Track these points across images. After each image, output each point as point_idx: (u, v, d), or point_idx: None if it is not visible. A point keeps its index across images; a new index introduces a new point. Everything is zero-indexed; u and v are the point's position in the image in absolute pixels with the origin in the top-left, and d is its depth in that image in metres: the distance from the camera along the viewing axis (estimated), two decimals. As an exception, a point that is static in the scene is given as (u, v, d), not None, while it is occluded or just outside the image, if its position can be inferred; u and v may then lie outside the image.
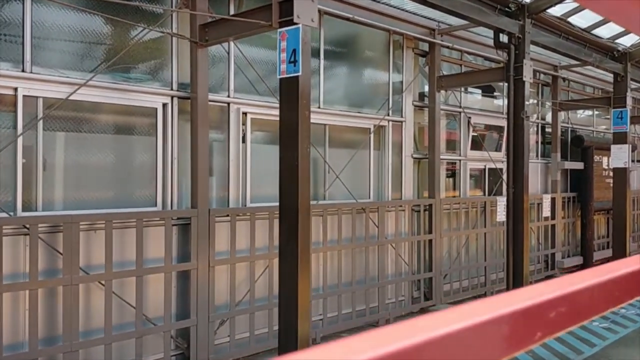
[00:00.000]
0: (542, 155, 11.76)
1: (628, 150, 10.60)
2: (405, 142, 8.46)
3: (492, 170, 10.14)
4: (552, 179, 11.64)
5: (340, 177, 7.33)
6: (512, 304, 0.71)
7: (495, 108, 10.57)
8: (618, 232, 10.81)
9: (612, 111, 10.82)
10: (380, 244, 7.75)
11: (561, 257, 11.81)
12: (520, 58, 7.63)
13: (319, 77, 7.24)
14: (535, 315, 0.74)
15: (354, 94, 7.90)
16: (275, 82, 6.94)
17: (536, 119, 11.52)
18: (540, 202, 11.00)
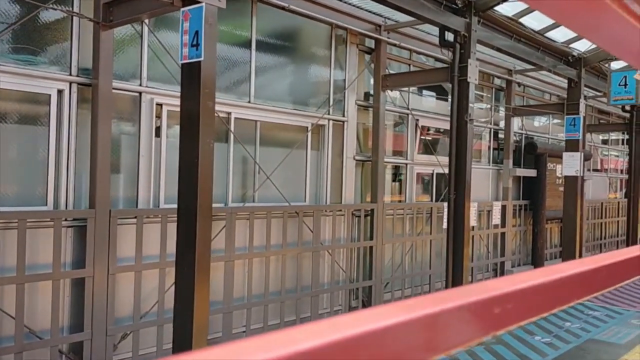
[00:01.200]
0: (494, 162, 11.47)
1: (580, 158, 10.37)
2: (347, 143, 7.99)
3: (441, 175, 9.76)
4: (504, 185, 11.36)
5: (272, 179, 6.81)
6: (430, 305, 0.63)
7: (447, 111, 10.20)
8: (568, 241, 10.57)
9: (565, 118, 10.58)
10: (314, 250, 7.25)
11: (511, 266, 11.52)
12: (466, 58, 7.24)
13: (249, 70, 6.71)
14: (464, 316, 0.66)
15: (291, 89, 7.40)
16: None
17: (489, 123, 11.22)
18: (491, 209, 10.69)
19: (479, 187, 10.93)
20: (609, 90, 10.32)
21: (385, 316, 0.57)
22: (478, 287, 0.70)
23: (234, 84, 6.62)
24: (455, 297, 0.65)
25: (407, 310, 0.59)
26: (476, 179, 10.86)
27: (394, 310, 0.59)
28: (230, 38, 6.59)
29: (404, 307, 0.60)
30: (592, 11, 0.77)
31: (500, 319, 0.70)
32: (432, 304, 0.62)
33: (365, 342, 0.54)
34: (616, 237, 16.14)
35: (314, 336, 0.50)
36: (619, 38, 0.90)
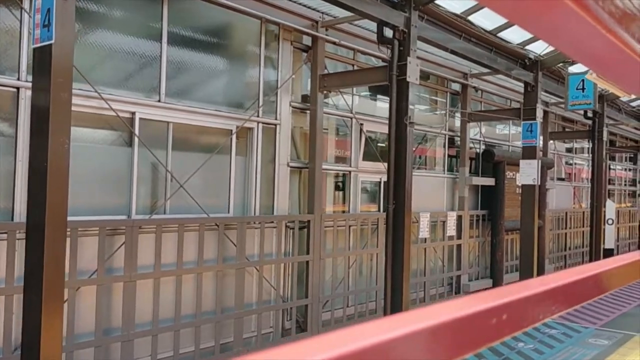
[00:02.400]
0: (450, 170, 10.88)
1: (537, 166, 9.84)
2: (280, 148, 7.30)
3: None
4: (460, 195, 10.78)
5: (188, 187, 6.08)
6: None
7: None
8: (526, 253, 10.00)
9: (522, 124, 10.06)
10: (239, 266, 6.52)
11: (468, 280, 10.92)
12: (405, 55, 6.63)
13: (160, 65, 5.99)
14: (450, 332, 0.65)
15: (212, 89, 6.69)
16: (105, 65, 5.66)
17: (444, 129, 10.64)
18: (445, 220, 10.08)
19: (434, 197, 10.33)
20: (566, 95, 9.84)
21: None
22: (424, 314, 0.63)
23: (139, 81, 5.88)
24: (397, 325, 0.58)
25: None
26: (430, 188, 10.27)
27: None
28: (133, 28, 5.86)
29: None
30: (548, 11, 0.72)
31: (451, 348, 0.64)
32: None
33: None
34: (581, 248, 15.70)
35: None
36: (577, 40, 0.85)
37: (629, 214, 19.73)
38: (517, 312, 0.79)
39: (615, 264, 1.15)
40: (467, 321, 0.67)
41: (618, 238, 18.69)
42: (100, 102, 5.36)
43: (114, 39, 5.68)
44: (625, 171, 21.11)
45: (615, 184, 19.80)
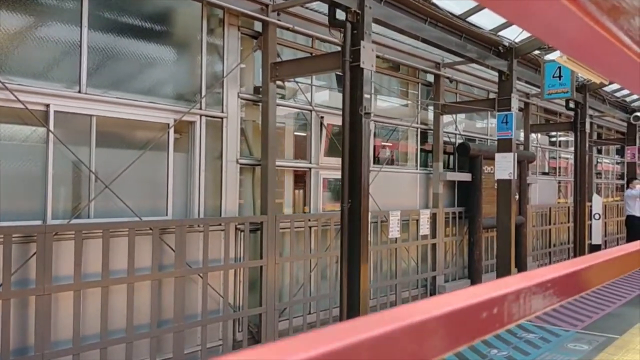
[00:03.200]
0: (423, 165, 10.31)
1: (513, 159, 9.27)
2: (228, 143, 6.69)
3: (354, 180, 8.55)
4: (434, 191, 10.20)
5: (116, 188, 5.46)
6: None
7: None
8: (503, 252, 9.45)
9: (497, 115, 9.49)
10: (178, 275, 5.90)
11: (444, 281, 10.35)
12: (358, 40, 6.03)
13: (79, 52, 5.36)
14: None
15: (145, 79, 6.07)
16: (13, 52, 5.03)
17: (415, 122, 10.06)
18: (418, 219, 9.50)
19: (406, 194, 9.76)
20: (542, 83, 9.28)
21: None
22: (387, 316, 0.60)
23: (54, 70, 5.25)
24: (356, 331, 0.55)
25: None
26: (402, 185, 9.69)
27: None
28: (46, 10, 5.22)
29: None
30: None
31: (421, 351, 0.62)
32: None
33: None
34: (567, 245, 15.18)
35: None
36: (553, 24, 0.80)
37: (617, 209, 19.23)
38: (499, 309, 0.75)
39: (599, 259, 1.12)
40: (445, 319, 0.65)
41: (606, 233, 18.22)
42: (7, 93, 4.74)
43: (22, 22, 5.05)
44: (613, 164, 20.64)
45: (602, 177, 19.31)
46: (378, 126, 9.60)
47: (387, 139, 9.79)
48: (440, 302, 0.67)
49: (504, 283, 0.81)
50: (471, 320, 0.69)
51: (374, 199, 8.73)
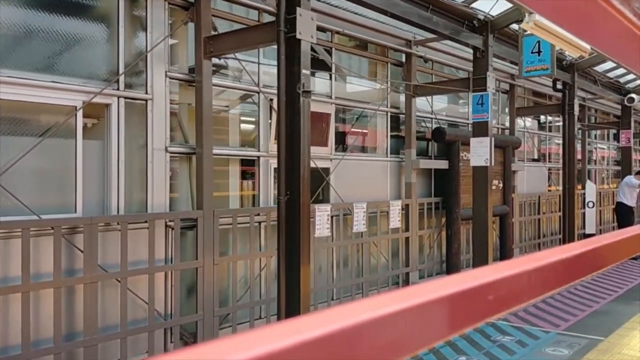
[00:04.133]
0: (394, 153, 9.49)
1: (490, 144, 8.45)
2: (154, 129, 5.89)
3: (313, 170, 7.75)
4: (406, 181, 9.40)
5: (7, 182, 4.67)
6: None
7: (320, 89, 8.17)
8: (478, 245, 8.65)
9: (472, 96, 8.66)
10: (88, 280, 5.12)
11: (418, 277, 9.57)
12: (294, 6, 5.20)
13: (-46, 22, 4.55)
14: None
15: (46, 53, 5.24)
16: None
17: (385, 106, 9.24)
18: (388, 211, 8.70)
19: (375, 184, 8.96)
20: (520, 60, 8.44)
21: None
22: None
23: None
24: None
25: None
26: (370, 174, 8.90)
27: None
28: None
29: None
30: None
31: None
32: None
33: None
34: (558, 235, 14.37)
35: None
36: None
37: (612, 196, 18.39)
38: (465, 305, 0.68)
39: (588, 246, 1.03)
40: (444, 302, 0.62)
41: (601, 222, 17.42)
42: None
43: None
44: (608, 150, 19.78)
45: (597, 163, 18.47)
46: (344, 111, 8.78)
47: (353, 124, 8.98)
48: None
49: (473, 275, 0.71)
50: (435, 317, 0.63)
51: (336, 190, 7.94)
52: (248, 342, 0.45)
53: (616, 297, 9.30)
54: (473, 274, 0.69)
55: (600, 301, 9.13)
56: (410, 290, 0.61)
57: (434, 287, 0.63)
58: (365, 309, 0.54)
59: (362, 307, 0.54)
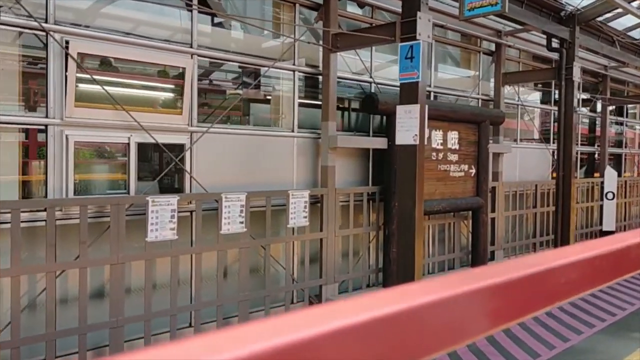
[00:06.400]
0: (310, 127, 7.19)
1: (420, 115, 6.02)
2: None
3: (147, 146, 5.56)
4: (322, 164, 7.07)
5: None
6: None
7: (167, 34, 5.91)
8: (402, 251, 6.28)
9: (399, 47, 6.21)
10: None
11: (338, 291, 7.27)
12: None
13: None
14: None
15: None
16: None
17: (292, 63, 6.90)
18: (288, 204, 6.43)
19: (272, 167, 6.71)
20: (461, -5, 5.93)
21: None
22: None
23: None
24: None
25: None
26: (264, 154, 6.65)
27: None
28: None
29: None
30: None
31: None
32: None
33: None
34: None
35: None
36: None
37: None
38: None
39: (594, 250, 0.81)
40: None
41: (626, 217, 14.56)
42: None
43: None
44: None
45: (626, 147, 15.50)
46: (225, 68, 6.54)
47: (240, 86, 6.71)
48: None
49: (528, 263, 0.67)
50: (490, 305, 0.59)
51: (198, 174, 5.77)
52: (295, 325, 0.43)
53: (616, 321, 6.79)
54: (527, 261, 0.66)
55: (609, 319, 6.67)
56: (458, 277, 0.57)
57: (492, 272, 0.60)
58: (421, 292, 0.52)
59: (418, 290, 0.52)
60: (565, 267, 0.68)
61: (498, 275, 0.58)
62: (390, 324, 0.48)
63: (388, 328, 0.48)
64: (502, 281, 0.58)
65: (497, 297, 0.59)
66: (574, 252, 0.71)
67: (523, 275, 0.62)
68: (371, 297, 0.50)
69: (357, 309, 0.47)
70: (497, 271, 0.60)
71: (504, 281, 0.59)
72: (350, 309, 0.48)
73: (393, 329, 0.48)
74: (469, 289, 0.55)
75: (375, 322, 0.46)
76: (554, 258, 0.67)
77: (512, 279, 0.60)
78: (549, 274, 0.66)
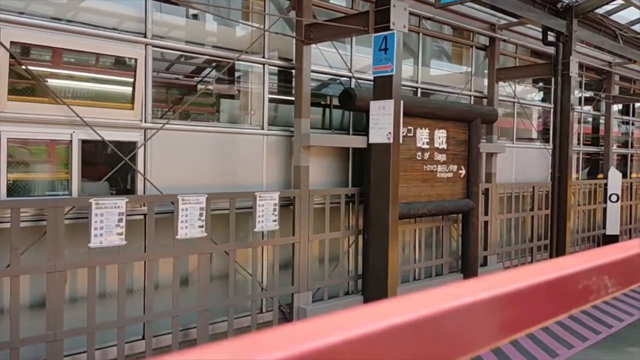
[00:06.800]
0: (283, 125, 6.74)
1: (394, 110, 5.55)
2: None
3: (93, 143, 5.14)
4: (295, 164, 6.62)
5: None
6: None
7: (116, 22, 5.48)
8: (375, 258, 5.81)
9: (373, 38, 5.74)
10: None
11: (312, 300, 6.81)
12: None
13: None
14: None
15: None
16: None
17: (263, 56, 6.46)
18: (255, 206, 5.98)
19: (244, 167, 6.28)
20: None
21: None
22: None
23: None
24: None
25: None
26: (231, 152, 6.21)
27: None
28: None
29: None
30: None
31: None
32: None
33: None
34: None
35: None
36: None
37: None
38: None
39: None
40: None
41: (630, 220, 13.96)
42: None
43: None
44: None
45: (632, 147, 14.89)
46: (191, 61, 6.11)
47: (203, 79, 6.28)
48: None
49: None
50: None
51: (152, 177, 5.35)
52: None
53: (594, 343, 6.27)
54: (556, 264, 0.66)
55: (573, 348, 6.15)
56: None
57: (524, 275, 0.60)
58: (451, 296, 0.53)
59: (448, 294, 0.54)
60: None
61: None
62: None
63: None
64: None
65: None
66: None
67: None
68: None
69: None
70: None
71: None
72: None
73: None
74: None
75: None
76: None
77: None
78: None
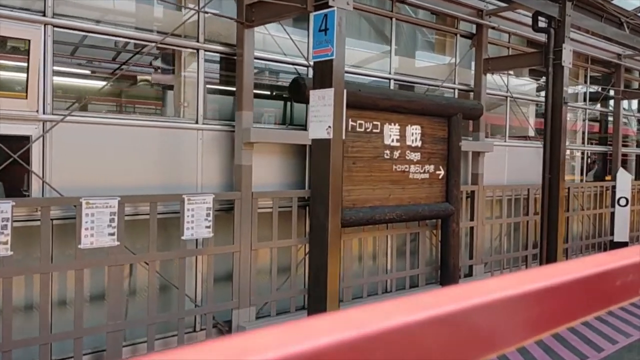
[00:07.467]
0: (224, 118, 5.99)
1: (336, 101, 4.75)
2: None
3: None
4: (236, 162, 5.85)
5: None
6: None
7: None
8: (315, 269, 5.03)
9: (313, 17, 4.94)
10: None
11: (255, 316, 6.03)
12: None
13: None
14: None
15: None
16: None
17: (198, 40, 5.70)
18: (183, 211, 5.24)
19: (173, 166, 5.54)
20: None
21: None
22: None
23: None
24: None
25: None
26: (156, 149, 5.47)
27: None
28: None
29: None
30: None
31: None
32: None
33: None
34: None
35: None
36: None
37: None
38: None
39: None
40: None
41: (641, 225, 12.91)
42: None
43: None
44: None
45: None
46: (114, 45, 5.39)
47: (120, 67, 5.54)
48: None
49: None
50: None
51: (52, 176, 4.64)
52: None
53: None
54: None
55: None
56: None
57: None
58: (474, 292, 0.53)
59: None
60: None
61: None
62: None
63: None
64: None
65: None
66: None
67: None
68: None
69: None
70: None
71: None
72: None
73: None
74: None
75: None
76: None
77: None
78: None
